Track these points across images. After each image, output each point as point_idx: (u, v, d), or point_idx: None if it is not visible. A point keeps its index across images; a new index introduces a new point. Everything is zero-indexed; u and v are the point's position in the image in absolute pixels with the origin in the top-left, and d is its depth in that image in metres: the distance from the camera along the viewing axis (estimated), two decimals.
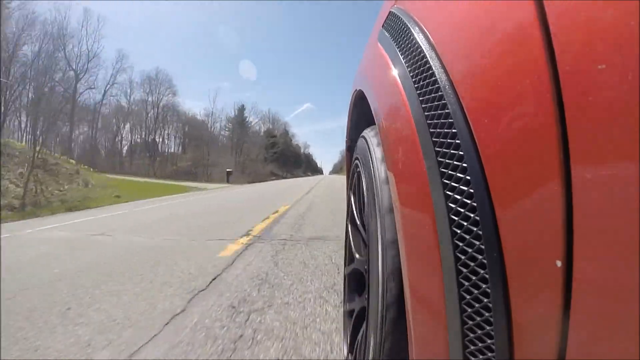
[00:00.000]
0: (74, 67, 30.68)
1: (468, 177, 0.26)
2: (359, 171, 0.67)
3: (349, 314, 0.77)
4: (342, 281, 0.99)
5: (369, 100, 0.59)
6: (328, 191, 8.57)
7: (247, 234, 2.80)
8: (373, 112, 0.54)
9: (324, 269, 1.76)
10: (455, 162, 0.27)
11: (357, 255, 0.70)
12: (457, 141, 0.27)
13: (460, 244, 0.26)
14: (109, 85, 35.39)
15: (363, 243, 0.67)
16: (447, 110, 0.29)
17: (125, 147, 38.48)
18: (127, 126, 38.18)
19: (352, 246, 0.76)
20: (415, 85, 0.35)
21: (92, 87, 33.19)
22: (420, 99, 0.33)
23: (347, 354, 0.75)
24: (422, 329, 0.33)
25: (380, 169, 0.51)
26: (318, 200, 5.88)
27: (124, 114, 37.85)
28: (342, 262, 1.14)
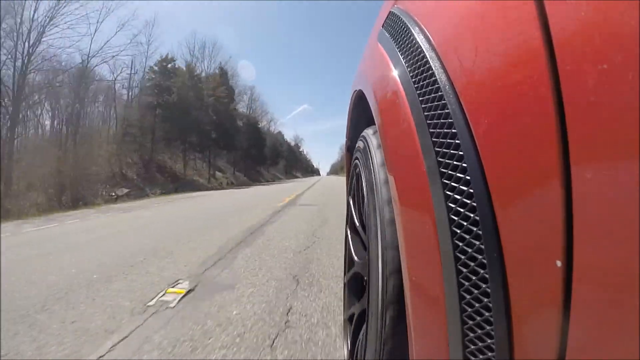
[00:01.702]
0: None
1: (468, 177, 0.26)
2: (359, 171, 0.67)
3: (349, 317, 0.77)
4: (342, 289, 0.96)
5: (368, 101, 0.59)
6: None
7: None
8: (373, 112, 0.54)
9: None
10: (455, 162, 0.27)
11: (356, 258, 0.70)
12: (457, 141, 0.27)
13: (460, 244, 0.26)
14: None
15: (362, 245, 0.67)
16: (447, 110, 0.29)
17: None
18: None
19: (352, 249, 0.76)
20: (415, 86, 0.35)
21: None
22: (420, 99, 0.33)
23: (348, 355, 0.75)
24: (422, 328, 0.33)
25: (379, 169, 0.51)
26: None
27: None
28: None
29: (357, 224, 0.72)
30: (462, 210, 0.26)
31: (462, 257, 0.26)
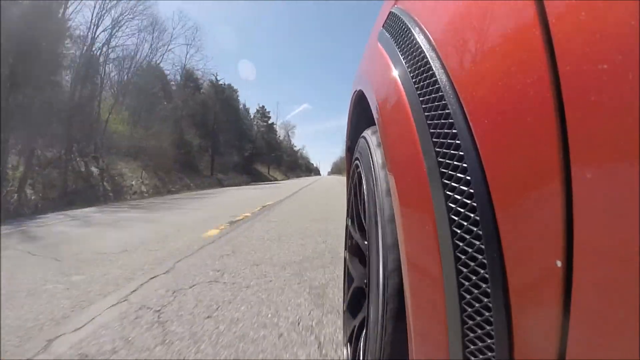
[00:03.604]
0: None
1: (468, 177, 0.26)
2: (359, 172, 0.67)
3: (349, 314, 0.77)
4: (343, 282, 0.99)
5: (369, 101, 0.59)
6: None
7: None
8: (373, 112, 0.54)
9: None
10: (455, 162, 0.27)
11: (359, 242, 0.70)
12: (457, 141, 0.27)
13: (460, 244, 0.26)
14: None
15: (364, 242, 0.67)
16: (447, 111, 0.29)
17: None
18: None
19: (353, 246, 0.76)
20: (416, 86, 0.35)
21: None
22: (420, 99, 0.33)
23: (348, 354, 0.75)
24: (422, 328, 0.33)
25: (380, 169, 0.51)
26: None
27: None
28: None
29: (358, 221, 0.72)
30: (462, 210, 0.26)
31: (462, 257, 0.26)
